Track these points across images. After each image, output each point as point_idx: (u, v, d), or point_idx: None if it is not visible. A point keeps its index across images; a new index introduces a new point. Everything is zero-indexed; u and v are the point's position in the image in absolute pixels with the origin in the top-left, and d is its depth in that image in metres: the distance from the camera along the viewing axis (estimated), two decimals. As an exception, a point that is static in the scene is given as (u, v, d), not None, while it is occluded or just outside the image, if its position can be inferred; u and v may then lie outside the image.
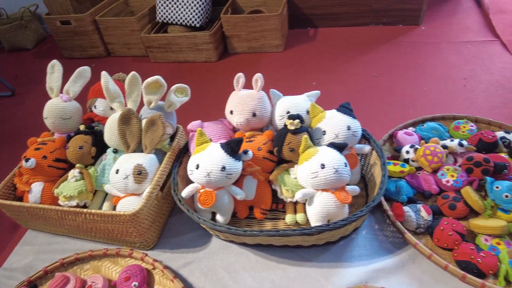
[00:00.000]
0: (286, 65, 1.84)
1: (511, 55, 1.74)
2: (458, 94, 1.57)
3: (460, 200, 0.81)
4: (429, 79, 1.66)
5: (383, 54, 1.85)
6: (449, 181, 0.84)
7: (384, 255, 0.78)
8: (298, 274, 0.78)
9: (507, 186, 0.78)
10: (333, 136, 0.84)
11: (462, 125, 0.97)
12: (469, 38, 1.90)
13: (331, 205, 0.76)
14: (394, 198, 0.85)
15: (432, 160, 0.87)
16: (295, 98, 0.91)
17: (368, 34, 2.00)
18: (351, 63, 1.81)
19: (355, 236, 0.82)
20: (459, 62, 1.75)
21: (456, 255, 0.74)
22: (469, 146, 0.90)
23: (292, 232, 0.72)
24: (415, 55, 1.82)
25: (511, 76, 1.63)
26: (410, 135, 0.95)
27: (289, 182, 0.84)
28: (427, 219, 0.79)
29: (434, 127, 0.96)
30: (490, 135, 0.90)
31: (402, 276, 0.75)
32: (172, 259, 0.84)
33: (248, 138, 0.88)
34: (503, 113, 1.44)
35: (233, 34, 1.89)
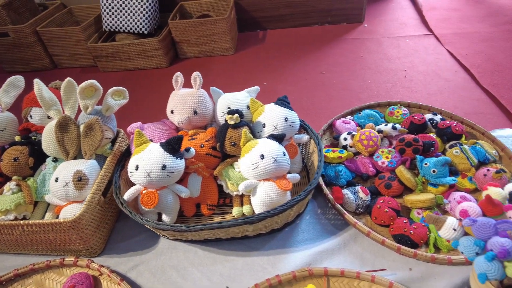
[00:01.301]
0: (237, 67, 1.87)
1: (443, 47, 1.87)
2: (399, 84, 1.67)
3: (394, 179, 0.86)
4: (372, 72, 1.76)
5: (329, 51, 1.93)
6: (384, 162, 0.89)
7: (327, 237, 0.81)
8: (246, 264, 0.79)
9: (434, 162, 0.84)
10: (272, 128, 0.86)
11: (396, 110, 1.03)
12: (407, 33, 2.02)
13: (273, 193, 0.78)
14: (334, 182, 0.88)
15: (367, 144, 0.91)
16: (236, 95, 0.93)
17: (315, 34, 2.08)
18: (299, 62, 1.87)
19: (299, 222, 0.85)
20: (399, 55, 1.86)
21: (392, 230, 0.78)
22: (402, 129, 0.96)
23: (234, 222, 0.73)
24: (359, 51, 1.92)
25: (444, 66, 1.75)
26: (348, 123, 1.00)
27: (234, 176, 0.86)
28: (365, 199, 0.83)
29: (370, 114, 1.02)
30: (419, 117, 0.97)
31: (345, 255, 0.78)
32: (120, 263, 0.82)
33: (191, 136, 0.89)
34: (438, 100, 1.55)
35: (183, 39, 1.89)
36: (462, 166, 0.87)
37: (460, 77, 1.67)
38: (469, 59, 1.74)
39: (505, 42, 1.84)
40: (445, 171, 0.83)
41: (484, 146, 0.91)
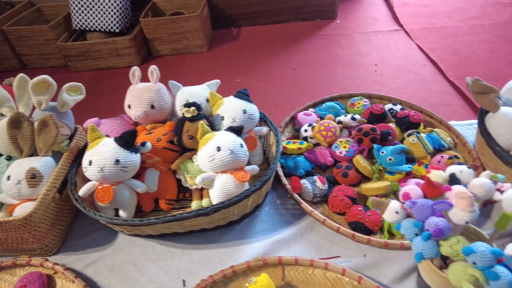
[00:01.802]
0: (210, 65, 1.87)
1: (413, 42, 1.90)
2: (370, 78, 1.69)
3: (352, 168, 0.87)
4: (344, 67, 1.77)
5: (302, 48, 1.94)
6: (342, 152, 0.90)
7: (284, 227, 0.82)
8: (203, 257, 0.78)
9: (391, 150, 0.85)
10: (230, 121, 0.86)
11: (357, 102, 1.04)
12: (378, 28, 2.05)
13: (230, 185, 0.78)
14: (293, 173, 0.89)
15: (326, 135, 0.92)
16: (194, 88, 0.93)
17: (288, 30, 2.09)
18: (272, 59, 1.88)
19: (258, 213, 0.85)
20: (370, 50, 1.89)
21: (347, 218, 0.79)
22: (361, 119, 0.97)
23: (188, 214, 0.72)
24: (332, 47, 1.93)
25: (414, 60, 1.78)
26: (309, 115, 1.01)
27: (193, 169, 0.85)
28: (322, 188, 0.84)
29: (331, 106, 1.03)
30: (378, 107, 0.98)
31: (301, 244, 0.78)
32: (77, 260, 0.81)
33: (148, 131, 0.88)
34: (407, 92, 1.57)
35: (155, 37, 1.88)
36: (419, 153, 0.88)
37: (428, 70, 1.70)
38: (437, 53, 1.78)
39: (470, 37, 1.88)
40: (401, 158, 0.85)
41: (440, 134, 0.93)
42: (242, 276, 0.72)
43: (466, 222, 0.51)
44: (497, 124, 0.81)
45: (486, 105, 0.83)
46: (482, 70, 1.64)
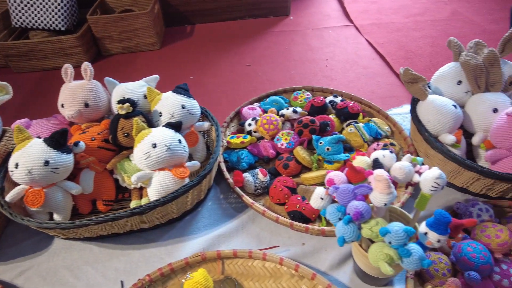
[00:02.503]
0: (163, 63, 1.83)
1: (362, 37, 1.96)
2: (321, 73, 1.72)
3: (292, 159, 0.88)
4: (296, 63, 1.80)
5: (256, 44, 1.95)
6: (283, 144, 0.91)
7: (226, 221, 0.81)
8: (143, 256, 0.76)
9: (328, 140, 0.87)
10: (169, 116, 0.84)
11: (299, 95, 1.06)
12: (330, 24, 2.10)
13: (169, 182, 0.77)
14: (236, 167, 0.89)
15: (269, 128, 0.93)
16: (131, 84, 0.90)
17: (242, 27, 2.09)
18: (226, 55, 1.87)
19: (201, 209, 0.84)
20: (322, 45, 1.93)
21: (286, 207, 0.80)
22: (302, 112, 0.98)
23: (122, 214, 0.70)
24: (285, 43, 1.95)
25: (363, 54, 1.84)
26: (253, 110, 1.01)
27: (130, 168, 0.83)
28: (264, 180, 0.84)
29: (275, 100, 1.04)
30: (319, 100, 1.00)
31: (243, 237, 0.78)
32: (6, 270, 0.76)
33: (83, 130, 0.84)
34: (356, 86, 1.62)
35: (105, 36, 1.81)
36: (356, 142, 0.91)
37: (376, 64, 1.76)
38: (385, 47, 1.85)
39: (414, 32, 1.97)
40: (339, 148, 0.87)
41: (378, 123, 0.96)
42: (181, 273, 0.71)
43: (384, 204, 0.53)
44: (425, 111, 0.85)
45: (416, 93, 0.87)
46: (425, 63, 1.72)
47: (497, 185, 0.79)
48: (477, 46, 0.93)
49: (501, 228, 0.71)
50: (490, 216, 0.76)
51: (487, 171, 0.76)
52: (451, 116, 0.82)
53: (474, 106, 0.87)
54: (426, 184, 0.57)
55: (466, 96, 0.89)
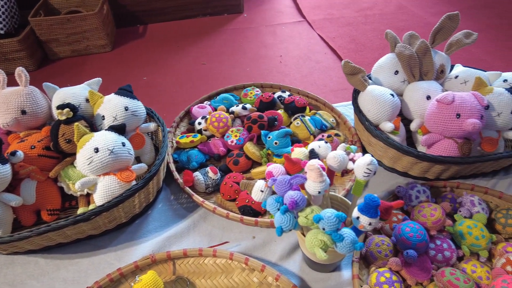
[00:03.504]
0: (115, 65, 1.77)
1: (315, 32, 2.01)
2: (275, 69, 1.75)
3: (242, 155, 0.89)
4: (251, 60, 1.81)
5: (210, 42, 1.94)
6: (233, 141, 0.92)
7: (178, 221, 0.81)
8: (92, 264, 0.74)
9: (276, 134, 0.89)
10: (112, 119, 0.82)
11: (249, 92, 1.07)
12: (283, 20, 2.13)
13: (114, 186, 0.75)
14: (186, 166, 0.88)
15: (218, 126, 0.93)
16: (72, 89, 0.87)
17: (197, 26, 2.07)
18: (181, 55, 1.85)
19: (151, 212, 0.83)
20: (275, 41, 1.95)
21: (237, 203, 0.81)
22: (251, 108, 0.99)
23: (65, 222, 0.68)
24: (239, 40, 1.96)
25: (315, 49, 1.89)
26: (203, 108, 1.01)
27: (75, 175, 0.80)
28: (214, 178, 0.85)
29: (225, 97, 1.04)
30: (267, 96, 1.02)
31: (194, 236, 0.78)
32: None
33: (21, 138, 0.81)
34: (309, 80, 1.66)
35: (50, 39, 1.73)
36: (303, 135, 0.94)
37: (328, 58, 1.81)
38: (336, 42, 1.90)
39: (364, 25, 2.04)
40: (286, 141, 0.89)
41: (323, 115, 0.99)
42: (131, 277, 0.70)
43: (318, 192, 0.56)
44: (365, 102, 0.89)
45: (356, 84, 0.91)
46: (374, 55, 1.80)
47: (433, 168, 0.84)
48: (411, 38, 0.99)
49: (435, 207, 0.76)
50: (427, 196, 0.81)
51: (422, 155, 0.81)
52: (389, 105, 0.86)
53: (410, 94, 0.92)
54: (359, 170, 0.60)
55: (403, 85, 0.94)
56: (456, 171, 0.85)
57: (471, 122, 0.77)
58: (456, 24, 0.96)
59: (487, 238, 0.72)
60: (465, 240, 0.73)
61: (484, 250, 0.72)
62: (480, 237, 0.72)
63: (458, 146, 0.81)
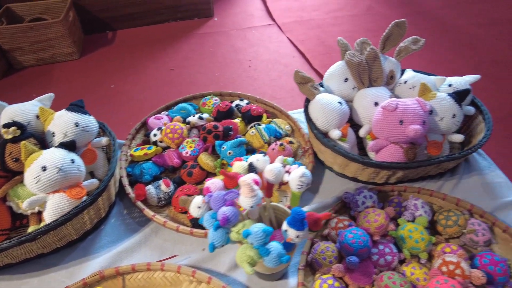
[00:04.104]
0: (83, 72, 1.76)
1: (284, 35, 2.03)
2: (245, 74, 1.76)
3: (196, 167, 0.90)
4: (220, 64, 1.82)
5: (180, 48, 1.94)
6: (188, 152, 0.93)
7: (129, 236, 0.82)
8: (42, 282, 0.75)
9: (230, 144, 0.90)
10: (62, 136, 0.82)
11: (208, 101, 1.08)
12: (253, 24, 2.14)
13: (64, 204, 0.75)
14: (139, 180, 0.89)
15: (173, 137, 0.94)
16: (22, 105, 0.87)
17: (166, 31, 2.06)
18: (149, 61, 1.84)
19: (103, 227, 0.84)
20: (245, 46, 1.96)
21: (188, 216, 0.82)
22: (208, 118, 1.00)
23: (9, 244, 0.68)
24: (209, 45, 1.96)
25: (284, 52, 1.90)
26: (160, 119, 1.02)
27: (24, 193, 0.80)
28: (167, 191, 0.86)
29: (182, 107, 1.05)
30: (224, 105, 1.03)
31: (145, 250, 0.79)
32: None
33: (-33, 158, 0.80)
34: (277, 85, 1.68)
35: (14, 47, 1.70)
36: (258, 144, 0.95)
37: (297, 61, 1.84)
38: (305, 45, 1.92)
39: (333, 27, 2.07)
40: (240, 151, 0.90)
41: (279, 123, 1.01)
42: (79, 294, 0.71)
43: (251, 206, 0.57)
44: (314, 110, 0.91)
45: (306, 93, 0.93)
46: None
47: (380, 173, 0.87)
48: (362, 44, 1.01)
49: (379, 213, 0.78)
50: (373, 201, 0.83)
51: (367, 161, 0.83)
52: (337, 113, 0.88)
53: (359, 100, 0.94)
54: (293, 183, 0.62)
55: (353, 92, 0.97)
56: (403, 175, 0.88)
57: (413, 128, 0.80)
58: (404, 31, 0.99)
59: (426, 241, 0.75)
60: (406, 243, 0.75)
61: (423, 252, 0.75)
62: (420, 240, 0.75)
63: (404, 151, 0.84)
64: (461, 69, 1.77)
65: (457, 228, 0.79)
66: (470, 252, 0.79)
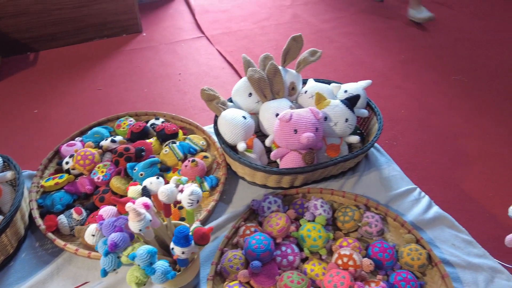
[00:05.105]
0: (2, 98, 1.68)
1: (213, 47, 2.08)
2: (174, 88, 1.78)
3: (108, 191, 0.92)
4: (149, 80, 1.82)
5: (107, 65, 1.92)
6: (99, 177, 0.94)
7: (42, 268, 0.82)
8: None
9: (141, 166, 0.93)
10: (-42, 175, 0.80)
11: (122, 122, 1.09)
12: (182, 37, 2.17)
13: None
14: (51, 210, 0.89)
15: (84, 163, 0.95)
16: None
17: (93, 49, 2.03)
18: (75, 82, 1.80)
19: (13, 263, 0.83)
20: (174, 59, 1.98)
21: (101, 241, 0.83)
22: (121, 140, 1.02)
23: None
24: (137, 61, 1.96)
25: (213, 64, 1.95)
26: (72, 146, 1.02)
27: None
28: (79, 219, 0.86)
29: (96, 131, 1.06)
30: (137, 125, 1.05)
31: (58, 280, 0.80)
32: None
33: None
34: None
35: None
36: (172, 162, 0.99)
37: (226, 72, 1.89)
38: (233, 56, 1.98)
39: (261, 37, 2.15)
40: (153, 171, 0.93)
41: (194, 138, 1.05)
42: (-17, 336, 0.70)
43: (139, 230, 0.61)
44: (221, 125, 0.96)
45: (213, 110, 0.98)
46: (268, 65, 1.89)
47: (284, 178, 0.94)
48: (266, 59, 1.09)
49: (281, 216, 0.85)
50: (278, 206, 0.90)
51: (268, 169, 0.90)
52: (241, 127, 0.94)
53: (263, 113, 1.01)
54: (184, 201, 0.66)
55: (258, 105, 1.03)
56: (306, 178, 0.96)
57: (305, 136, 0.88)
58: (301, 44, 1.08)
59: (323, 238, 0.83)
60: (305, 242, 0.83)
61: (322, 249, 0.82)
62: (317, 238, 0.82)
63: (302, 156, 0.92)
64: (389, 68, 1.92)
65: (353, 222, 0.88)
66: (367, 242, 0.88)
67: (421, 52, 2.15)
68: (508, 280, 0.82)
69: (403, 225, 0.89)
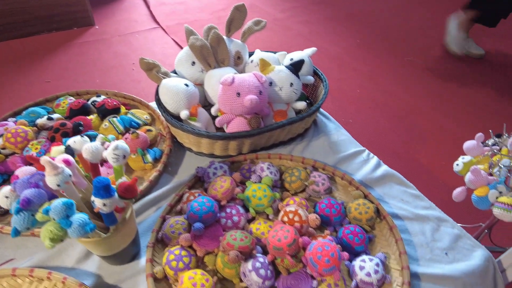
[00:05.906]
0: None
1: (169, 37, 2.04)
2: (128, 78, 1.73)
3: (42, 167, 0.85)
4: (102, 72, 1.76)
5: (57, 59, 1.84)
6: (33, 154, 0.88)
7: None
8: None
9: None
10: None
11: (62, 101, 1.04)
12: (137, 29, 2.12)
13: None
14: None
15: (16, 141, 0.88)
16: None
17: (41, 43, 1.95)
18: (22, 76, 1.71)
19: None
20: (129, 51, 1.93)
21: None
22: (59, 118, 0.96)
23: None
24: (89, 54, 1.89)
25: (169, 53, 1.91)
26: (3, 126, 0.95)
27: None
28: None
29: (32, 111, 1.00)
30: (76, 103, 1.00)
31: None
32: None
33: None
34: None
35: None
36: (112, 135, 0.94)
37: (182, 60, 1.85)
38: (190, 44, 1.95)
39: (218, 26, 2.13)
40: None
41: (136, 113, 1.01)
42: None
43: (57, 185, 0.56)
44: (162, 94, 0.93)
45: (153, 79, 0.94)
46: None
47: (230, 144, 0.91)
48: (209, 30, 1.06)
49: (225, 179, 0.82)
50: (224, 171, 0.87)
51: (212, 134, 0.87)
52: (183, 94, 0.91)
53: (207, 81, 0.99)
54: (109, 157, 0.62)
55: (202, 74, 1.01)
56: (253, 144, 0.94)
57: (248, 98, 0.86)
58: (245, 14, 1.07)
59: (269, 197, 0.81)
60: (251, 202, 0.80)
61: (268, 208, 0.80)
62: (263, 197, 0.80)
63: (247, 121, 0.90)
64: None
65: (300, 182, 0.87)
66: (316, 202, 0.87)
67: (375, 36, 2.21)
68: (452, 227, 0.83)
69: (350, 182, 0.88)
